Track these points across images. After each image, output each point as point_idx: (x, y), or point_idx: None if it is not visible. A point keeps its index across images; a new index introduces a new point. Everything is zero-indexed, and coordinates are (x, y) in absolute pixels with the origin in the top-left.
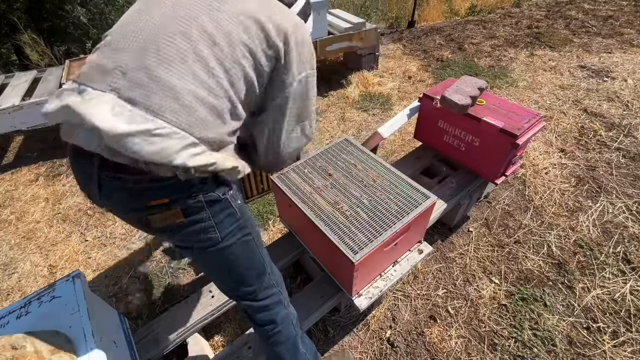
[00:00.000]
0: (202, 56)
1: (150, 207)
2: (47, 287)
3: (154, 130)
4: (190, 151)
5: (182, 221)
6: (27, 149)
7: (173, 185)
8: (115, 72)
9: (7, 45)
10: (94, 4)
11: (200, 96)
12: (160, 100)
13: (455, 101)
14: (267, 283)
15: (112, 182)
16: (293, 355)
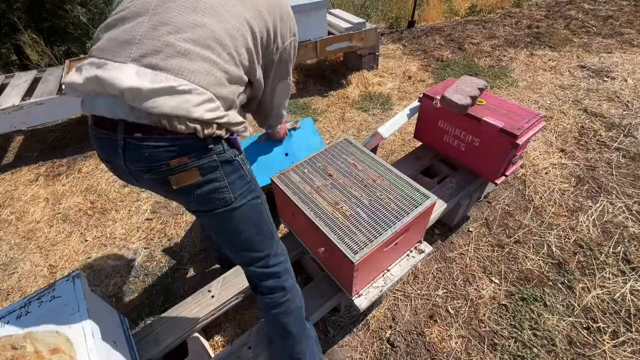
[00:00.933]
0: (210, 26)
1: (170, 167)
2: (47, 287)
3: (177, 87)
4: (207, 106)
5: (199, 180)
6: (27, 149)
7: (191, 145)
8: (132, 43)
9: (7, 45)
10: (94, 4)
11: (212, 59)
12: (178, 63)
13: (455, 101)
14: (275, 250)
15: (137, 144)
16: (300, 328)
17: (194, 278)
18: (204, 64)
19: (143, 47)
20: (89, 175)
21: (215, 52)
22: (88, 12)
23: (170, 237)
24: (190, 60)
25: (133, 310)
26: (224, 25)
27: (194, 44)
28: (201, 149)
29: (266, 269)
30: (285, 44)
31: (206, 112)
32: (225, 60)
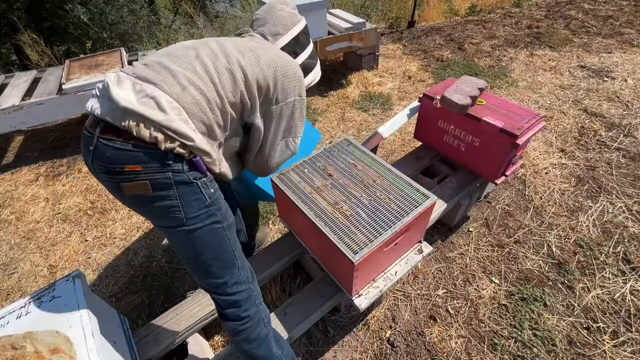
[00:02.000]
0: (202, 59)
1: (125, 172)
2: (47, 287)
3: (149, 93)
4: (172, 115)
5: (149, 193)
6: (27, 149)
7: (150, 154)
8: (138, 66)
9: (7, 45)
10: (94, 4)
11: (192, 80)
12: (161, 77)
13: (455, 101)
14: (236, 278)
15: (104, 144)
16: (265, 355)
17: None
18: (185, 81)
19: (146, 67)
20: (89, 175)
21: (197, 75)
22: (88, 11)
23: None
24: (172, 77)
25: (133, 310)
26: (213, 62)
27: (181, 66)
28: (158, 162)
29: (224, 296)
30: (288, 101)
31: (172, 120)
32: (206, 84)
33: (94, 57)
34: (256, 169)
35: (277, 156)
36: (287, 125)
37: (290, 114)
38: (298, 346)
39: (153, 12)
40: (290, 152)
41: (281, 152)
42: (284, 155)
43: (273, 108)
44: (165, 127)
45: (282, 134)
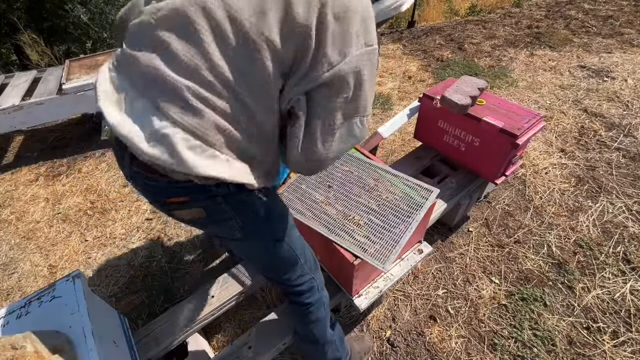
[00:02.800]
0: (208, 52)
1: (170, 203)
2: (47, 287)
3: (157, 128)
4: (193, 158)
5: (204, 217)
6: (27, 149)
7: (189, 187)
8: (130, 62)
9: (7, 45)
10: (94, 4)
11: (205, 97)
12: (165, 99)
13: (455, 101)
14: (299, 272)
15: (138, 176)
16: (322, 336)
17: (194, 278)
18: (195, 102)
19: (132, 85)
20: (89, 175)
21: (210, 87)
22: (88, 11)
23: (170, 237)
24: (180, 99)
25: (133, 310)
26: (222, 50)
27: (184, 74)
28: (202, 193)
29: (289, 287)
30: (349, 58)
31: (197, 168)
32: (223, 97)
33: (94, 57)
34: (299, 167)
35: (333, 147)
36: (349, 99)
37: (355, 79)
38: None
39: None
40: (356, 139)
41: (341, 141)
42: (345, 144)
43: (323, 76)
44: (190, 174)
45: (341, 113)
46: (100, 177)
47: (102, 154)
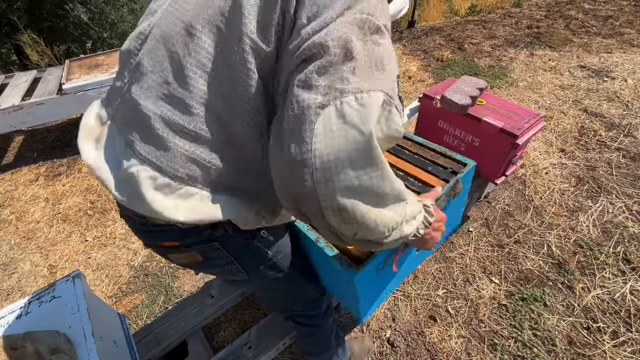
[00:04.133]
0: (177, 64)
1: (164, 247)
2: (47, 287)
3: (125, 169)
4: (165, 202)
5: (201, 260)
6: (27, 149)
7: (179, 231)
8: (117, 96)
9: (7, 45)
10: (94, 4)
11: (175, 122)
12: (134, 129)
13: (455, 101)
14: (307, 300)
15: (130, 217)
16: (325, 346)
17: (194, 278)
18: (161, 132)
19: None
20: (89, 175)
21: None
22: (88, 11)
23: None
24: (146, 128)
25: (133, 310)
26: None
27: (149, 100)
28: (195, 236)
29: (297, 317)
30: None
31: (173, 215)
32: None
33: (94, 57)
34: (281, 181)
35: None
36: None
37: (340, 47)
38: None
39: None
40: (356, 128)
41: (329, 131)
42: (340, 138)
43: (298, 52)
44: (167, 220)
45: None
46: None
47: None
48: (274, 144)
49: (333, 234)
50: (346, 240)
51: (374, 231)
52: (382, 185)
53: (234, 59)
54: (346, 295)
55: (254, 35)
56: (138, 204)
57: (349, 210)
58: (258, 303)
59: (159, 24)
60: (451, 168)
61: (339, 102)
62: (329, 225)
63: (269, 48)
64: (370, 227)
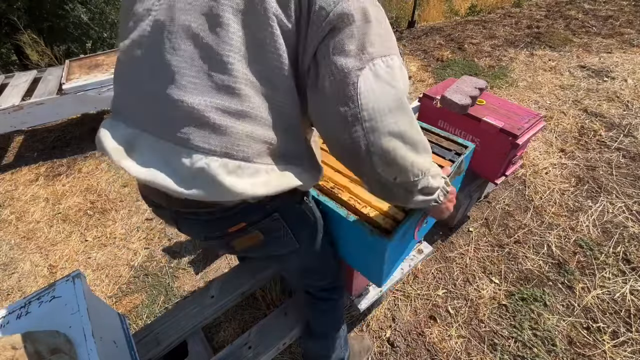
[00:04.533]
0: (212, 54)
1: (228, 234)
2: (47, 287)
3: (190, 167)
4: (236, 182)
5: (262, 239)
6: (27, 149)
7: (245, 210)
8: (139, 105)
9: (7, 45)
10: (94, 4)
11: (223, 106)
12: (184, 128)
13: (455, 101)
14: (333, 272)
15: (188, 218)
16: (337, 329)
17: (194, 278)
18: (215, 118)
19: (147, 110)
20: (89, 175)
21: (221, 95)
22: (88, 11)
23: (170, 237)
24: (196, 120)
25: (133, 310)
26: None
27: (195, 92)
28: (257, 212)
29: (323, 291)
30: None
31: (243, 193)
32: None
33: (94, 57)
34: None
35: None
36: (359, 33)
37: (361, 14)
38: (298, 346)
39: None
40: (389, 85)
41: (375, 84)
42: (382, 89)
43: (325, 22)
44: (249, 197)
45: (353, 51)
46: (100, 177)
47: (102, 154)
48: (321, 109)
49: (377, 182)
50: (389, 186)
51: (410, 173)
52: (413, 131)
53: (264, 37)
54: (370, 265)
55: (278, 12)
56: (218, 193)
57: (391, 152)
58: (258, 303)
59: (168, 25)
60: (455, 150)
61: (372, 64)
62: (375, 171)
63: (290, 23)
64: (407, 169)
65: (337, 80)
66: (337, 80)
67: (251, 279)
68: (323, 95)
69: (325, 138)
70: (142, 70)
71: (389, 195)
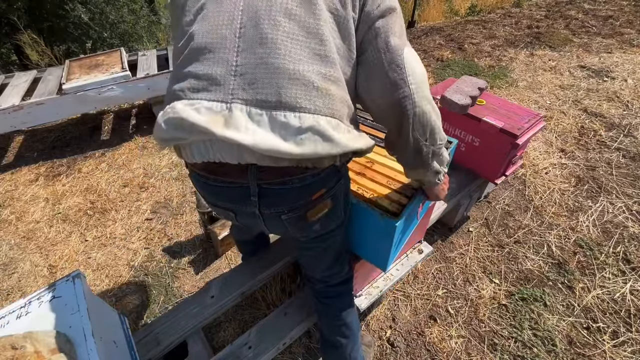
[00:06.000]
0: (310, 29)
1: (311, 201)
2: (47, 287)
3: (298, 124)
4: (339, 137)
5: (330, 207)
6: (27, 149)
7: (329, 174)
8: (229, 78)
9: (7, 45)
10: (94, 4)
11: (320, 71)
12: (291, 92)
13: (456, 101)
14: (349, 262)
15: (277, 188)
16: (356, 325)
17: (194, 278)
18: (317, 80)
19: (245, 79)
20: (89, 175)
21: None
22: (88, 11)
23: (170, 237)
24: (303, 85)
25: (133, 310)
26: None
27: (298, 61)
28: (334, 177)
29: (343, 277)
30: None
31: (346, 146)
32: (331, 63)
33: (94, 57)
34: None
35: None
36: (395, 22)
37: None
38: (298, 346)
39: (153, 11)
40: (420, 64)
41: (413, 59)
42: (419, 63)
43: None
44: (339, 154)
45: (395, 34)
46: (100, 177)
47: (102, 154)
48: (375, 77)
49: (412, 140)
50: (419, 145)
51: (437, 136)
52: (436, 105)
53: (344, 17)
54: (379, 249)
55: (349, 1)
56: (328, 146)
57: (427, 114)
58: (258, 303)
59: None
60: None
61: (408, 43)
62: (413, 129)
63: (355, 12)
64: (436, 132)
65: (390, 53)
66: (390, 53)
67: (251, 279)
68: (375, 65)
69: (375, 104)
70: (234, 48)
71: (417, 157)
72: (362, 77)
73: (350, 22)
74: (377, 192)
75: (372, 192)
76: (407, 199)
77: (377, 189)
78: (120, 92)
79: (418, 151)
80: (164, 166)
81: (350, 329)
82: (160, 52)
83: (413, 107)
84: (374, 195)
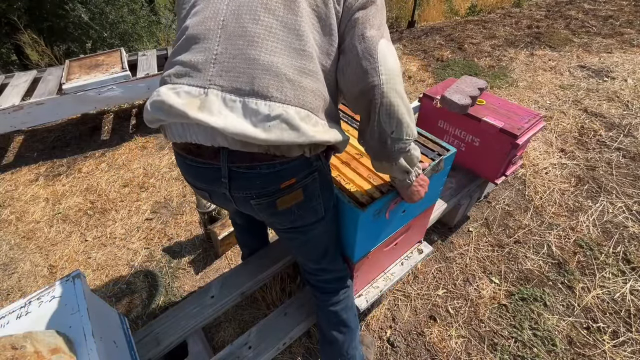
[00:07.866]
0: (289, 24)
1: (280, 189)
2: (47, 287)
3: (267, 112)
4: (308, 128)
5: (302, 199)
6: (27, 149)
7: (299, 165)
8: (209, 65)
9: (7, 45)
10: (94, 4)
11: (297, 66)
12: (264, 82)
13: (455, 101)
14: (340, 259)
15: (245, 172)
16: (354, 319)
17: (194, 278)
18: (291, 74)
19: (223, 67)
20: (89, 175)
21: (293, 53)
22: (88, 11)
23: (170, 237)
24: (276, 76)
25: (133, 310)
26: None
27: (274, 53)
28: (307, 168)
29: (336, 272)
30: None
31: (313, 137)
32: (310, 59)
33: (94, 57)
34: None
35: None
36: (376, 14)
37: None
38: (298, 346)
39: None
40: (395, 57)
41: (387, 51)
42: (393, 56)
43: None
44: (306, 144)
45: (374, 25)
46: (100, 177)
47: (102, 154)
48: (350, 65)
49: (379, 131)
50: (385, 137)
51: (404, 131)
52: (407, 101)
53: (325, 13)
54: (347, 236)
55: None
56: (294, 135)
57: (395, 107)
58: (258, 303)
59: (247, 2)
60: (437, 151)
61: (384, 36)
62: (380, 119)
63: (339, 5)
64: (403, 125)
65: (365, 44)
66: (366, 44)
67: (251, 279)
68: (351, 54)
69: (350, 92)
70: (216, 38)
71: (382, 148)
72: (340, 65)
73: (332, 17)
74: (355, 182)
75: (350, 182)
76: (381, 194)
77: (356, 179)
78: (120, 92)
79: (383, 143)
80: (164, 166)
81: (346, 325)
82: (160, 52)
83: (381, 97)
84: (350, 184)
